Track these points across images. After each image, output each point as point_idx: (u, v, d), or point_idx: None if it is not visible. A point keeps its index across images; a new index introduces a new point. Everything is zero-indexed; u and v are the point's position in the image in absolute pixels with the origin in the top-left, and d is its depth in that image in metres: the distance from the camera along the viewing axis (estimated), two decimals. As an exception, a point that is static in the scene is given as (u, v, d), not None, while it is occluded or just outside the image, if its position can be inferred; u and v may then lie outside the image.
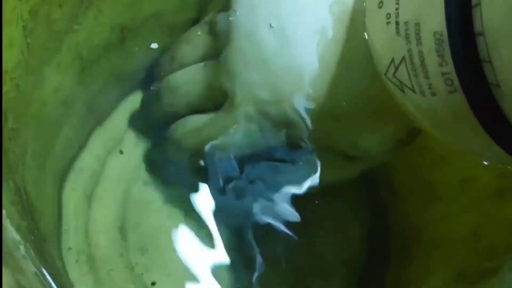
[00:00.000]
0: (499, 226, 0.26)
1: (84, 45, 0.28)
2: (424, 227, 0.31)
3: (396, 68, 0.21)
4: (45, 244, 0.24)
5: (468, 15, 0.17)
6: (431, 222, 0.31)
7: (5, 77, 0.21)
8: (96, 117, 0.34)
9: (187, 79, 0.29)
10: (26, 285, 0.16)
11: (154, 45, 0.30)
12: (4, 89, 0.21)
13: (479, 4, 0.17)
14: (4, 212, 0.17)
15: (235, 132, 0.27)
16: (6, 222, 0.17)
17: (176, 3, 0.32)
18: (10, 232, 0.17)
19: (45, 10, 0.24)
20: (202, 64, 0.29)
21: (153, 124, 0.33)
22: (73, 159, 0.33)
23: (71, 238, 0.31)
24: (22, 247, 0.17)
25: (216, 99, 0.28)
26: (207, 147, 0.29)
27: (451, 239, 0.29)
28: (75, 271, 0.30)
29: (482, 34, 0.17)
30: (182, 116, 0.30)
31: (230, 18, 0.26)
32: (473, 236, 0.27)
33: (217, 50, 0.28)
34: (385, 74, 0.22)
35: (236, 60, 0.26)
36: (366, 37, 0.23)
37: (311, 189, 0.30)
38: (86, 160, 0.33)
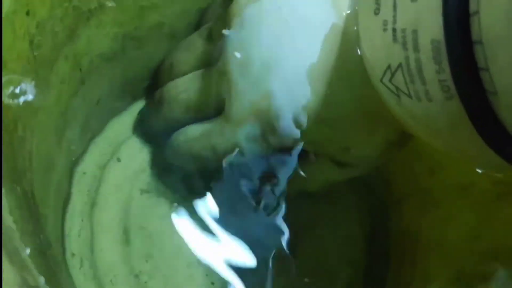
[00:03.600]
0: (498, 229, 0.27)
1: (84, 55, 0.29)
2: (423, 230, 0.31)
3: (393, 74, 0.21)
4: (51, 249, 0.24)
5: (466, 23, 0.18)
6: (430, 225, 0.31)
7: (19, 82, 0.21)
8: (97, 125, 0.34)
9: (186, 87, 0.30)
10: (32, 283, 0.16)
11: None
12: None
13: (477, 12, 0.17)
14: (11, 218, 0.18)
15: (233, 139, 0.27)
16: (12, 225, 0.18)
17: (177, 11, 0.33)
18: (16, 235, 0.18)
19: (50, 24, 0.24)
20: (200, 71, 0.30)
21: (154, 132, 0.33)
22: (75, 165, 0.33)
23: (73, 243, 0.31)
24: (28, 250, 0.18)
25: (215, 106, 0.28)
26: (209, 154, 0.29)
27: (450, 241, 0.29)
28: (80, 277, 0.30)
29: (480, 42, 0.17)
30: (183, 123, 0.30)
31: (227, 29, 0.27)
32: (472, 238, 0.28)
33: (215, 57, 0.28)
34: (381, 80, 0.22)
35: (232, 69, 0.26)
36: (357, 46, 0.23)
37: (305, 191, 0.30)
38: (88, 166, 0.33)
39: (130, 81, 0.34)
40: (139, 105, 0.35)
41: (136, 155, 0.35)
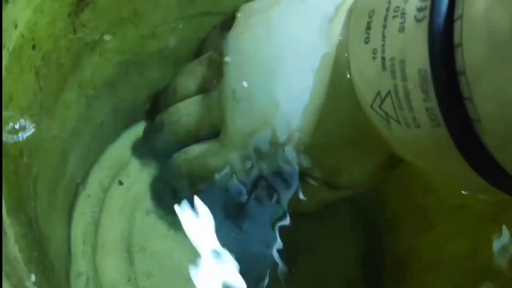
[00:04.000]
0: (490, 249, 0.27)
1: (89, 82, 0.30)
2: (419, 249, 0.32)
3: (382, 101, 0.22)
4: (54, 272, 0.25)
5: (451, 55, 0.18)
6: (425, 245, 0.32)
7: (22, 116, 0.22)
8: (101, 146, 0.35)
9: (188, 111, 0.31)
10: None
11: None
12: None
13: (460, 45, 0.18)
14: (16, 246, 0.19)
15: (228, 161, 0.28)
16: (17, 255, 0.19)
17: (177, 40, 0.34)
18: (21, 264, 0.19)
19: (55, 55, 0.25)
20: (201, 96, 0.31)
21: (156, 153, 0.34)
22: (79, 186, 0.34)
23: (79, 263, 0.32)
24: (33, 276, 0.18)
25: (214, 128, 0.29)
26: (207, 174, 0.30)
27: (445, 261, 0.29)
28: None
29: (464, 73, 0.18)
30: (184, 144, 0.31)
31: (225, 58, 0.28)
32: (466, 258, 0.28)
33: (214, 83, 0.29)
34: (371, 106, 0.22)
35: (227, 95, 0.27)
36: (348, 72, 0.24)
37: (299, 212, 0.31)
38: (91, 188, 0.34)
39: (132, 104, 0.35)
40: (140, 127, 0.36)
41: (138, 178, 0.35)
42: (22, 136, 0.22)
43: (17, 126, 0.21)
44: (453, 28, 0.18)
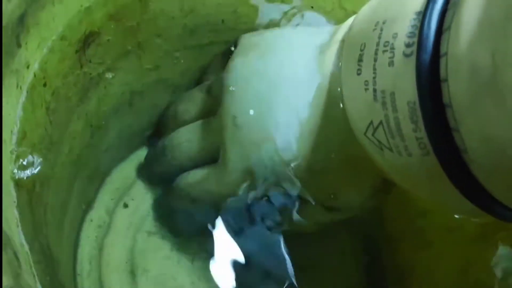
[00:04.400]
0: (483, 265, 0.28)
1: (95, 112, 0.31)
2: (416, 266, 0.33)
3: (375, 130, 0.23)
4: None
5: (438, 88, 0.19)
6: (422, 262, 0.32)
7: (32, 151, 0.23)
8: (105, 171, 0.36)
9: (188, 137, 0.32)
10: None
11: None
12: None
13: (446, 80, 0.19)
14: (34, 271, 0.20)
15: (228, 185, 0.29)
16: (32, 284, 0.20)
17: (180, 70, 0.35)
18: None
19: (64, 90, 0.26)
20: (200, 122, 0.32)
21: (158, 177, 0.35)
22: (85, 211, 0.35)
23: (84, 283, 0.33)
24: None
25: (214, 153, 0.30)
26: (207, 198, 0.31)
27: (440, 276, 0.30)
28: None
29: (450, 106, 0.19)
30: (185, 169, 0.32)
31: (225, 87, 0.29)
32: (461, 273, 0.29)
33: (214, 109, 0.30)
34: (365, 134, 0.23)
35: (227, 120, 0.29)
36: (341, 101, 0.25)
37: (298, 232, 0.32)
38: (97, 213, 0.35)
39: (135, 130, 0.36)
40: (144, 151, 0.37)
41: (142, 200, 0.36)
42: (32, 171, 0.23)
43: (25, 163, 0.23)
44: (439, 64, 0.19)
